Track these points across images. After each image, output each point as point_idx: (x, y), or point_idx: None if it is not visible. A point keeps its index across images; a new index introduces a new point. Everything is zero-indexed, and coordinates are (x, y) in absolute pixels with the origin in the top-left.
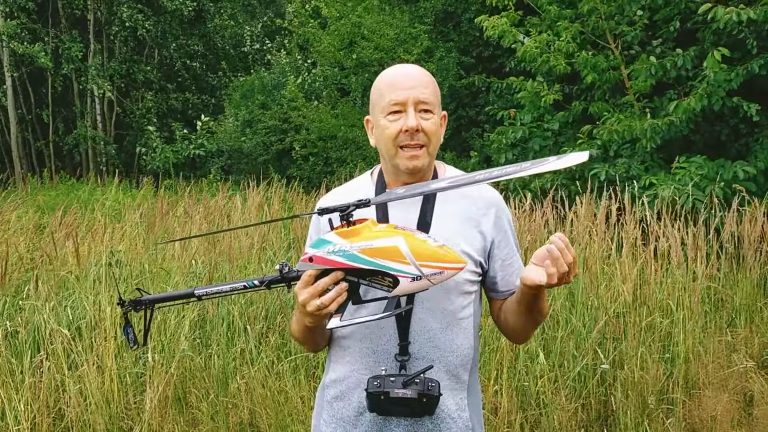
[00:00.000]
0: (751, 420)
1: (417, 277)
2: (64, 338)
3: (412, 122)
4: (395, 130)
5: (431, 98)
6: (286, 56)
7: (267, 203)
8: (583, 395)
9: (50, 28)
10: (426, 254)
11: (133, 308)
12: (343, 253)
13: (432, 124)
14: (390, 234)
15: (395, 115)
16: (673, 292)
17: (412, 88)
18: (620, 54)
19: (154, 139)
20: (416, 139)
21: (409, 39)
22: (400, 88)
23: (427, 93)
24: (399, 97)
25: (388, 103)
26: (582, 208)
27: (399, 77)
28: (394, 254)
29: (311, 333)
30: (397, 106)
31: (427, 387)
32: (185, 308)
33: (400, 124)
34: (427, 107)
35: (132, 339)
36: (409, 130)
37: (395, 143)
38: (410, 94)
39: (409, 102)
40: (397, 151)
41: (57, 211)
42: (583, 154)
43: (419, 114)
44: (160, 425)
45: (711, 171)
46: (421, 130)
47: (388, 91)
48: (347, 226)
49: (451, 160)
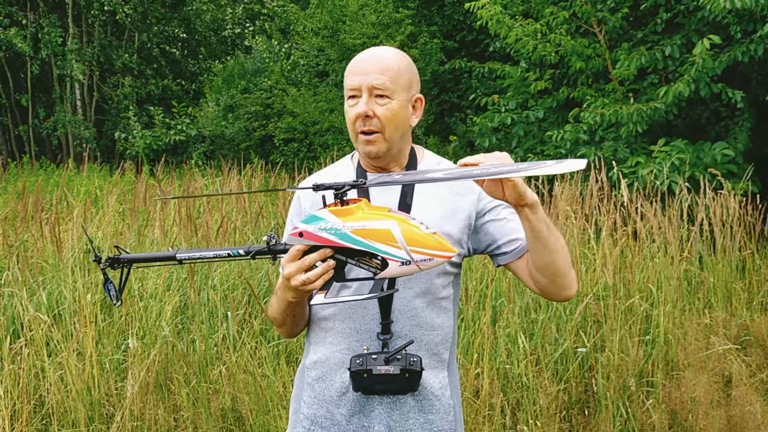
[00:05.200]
0: (729, 401)
1: (406, 262)
2: (43, 324)
3: (361, 108)
4: (352, 115)
5: (388, 84)
6: (267, 41)
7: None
8: (565, 378)
9: (29, 12)
10: (417, 240)
11: (110, 265)
12: (335, 231)
13: (387, 110)
14: (383, 217)
15: (353, 99)
16: (652, 275)
17: (366, 74)
18: (604, 40)
19: (133, 125)
20: (369, 125)
21: (393, 24)
22: (357, 73)
23: (383, 78)
24: (354, 82)
25: (347, 87)
26: (563, 191)
27: (360, 62)
28: (386, 237)
29: (291, 313)
30: (352, 91)
31: (409, 362)
32: (167, 294)
33: (356, 109)
34: (381, 92)
35: (114, 296)
36: (359, 116)
37: (354, 128)
38: (364, 80)
39: (363, 88)
40: (357, 136)
41: (31, 196)
42: (581, 162)
43: (374, 99)
44: (142, 411)
45: (692, 156)
46: (374, 116)
47: (348, 76)
48: (341, 205)
49: (434, 145)
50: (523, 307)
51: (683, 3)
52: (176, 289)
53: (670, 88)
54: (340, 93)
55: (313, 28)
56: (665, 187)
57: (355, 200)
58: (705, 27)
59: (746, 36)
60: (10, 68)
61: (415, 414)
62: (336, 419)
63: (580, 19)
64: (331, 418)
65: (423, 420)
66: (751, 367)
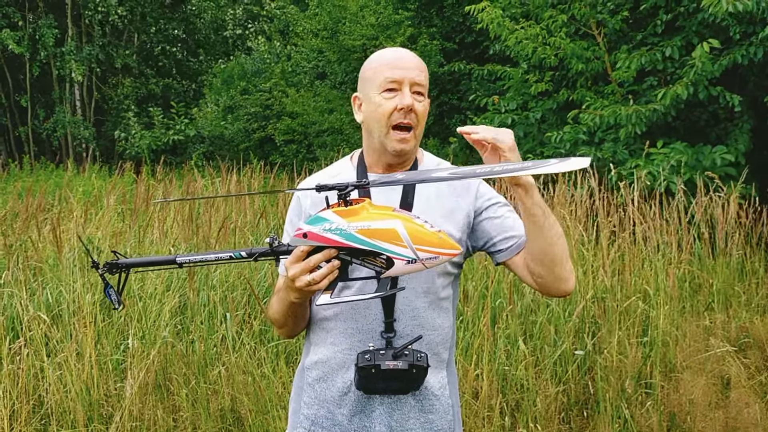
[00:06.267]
0: (727, 403)
1: (412, 261)
2: (42, 324)
3: (408, 100)
4: (390, 108)
5: (425, 81)
6: (267, 43)
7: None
8: (564, 380)
9: (27, 12)
10: (423, 239)
11: (108, 270)
12: (340, 231)
13: (423, 107)
14: (388, 216)
15: (391, 92)
16: (651, 276)
17: (409, 69)
18: (603, 43)
19: (133, 125)
20: (409, 118)
21: (392, 25)
22: (399, 67)
23: (422, 77)
24: (396, 75)
25: (384, 79)
26: (561, 192)
27: (397, 57)
28: (392, 237)
29: (292, 313)
30: (394, 84)
31: (416, 358)
32: (166, 295)
33: (395, 101)
34: (420, 89)
35: (115, 300)
36: (404, 108)
37: (388, 122)
38: (407, 74)
39: (406, 81)
40: (389, 131)
41: (30, 197)
42: (585, 160)
43: (413, 95)
44: (141, 412)
45: (691, 158)
46: (414, 111)
47: (386, 68)
48: (344, 206)
49: (434, 146)
50: (523, 309)
51: (683, 5)
52: (176, 290)
53: (669, 91)
54: (340, 94)
55: (312, 30)
56: (663, 188)
57: (359, 200)
58: (705, 29)
59: (745, 38)
60: (10, 69)
61: (415, 414)
62: (337, 419)
63: (579, 22)
64: (332, 418)
65: (423, 420)
66: (750, 369)
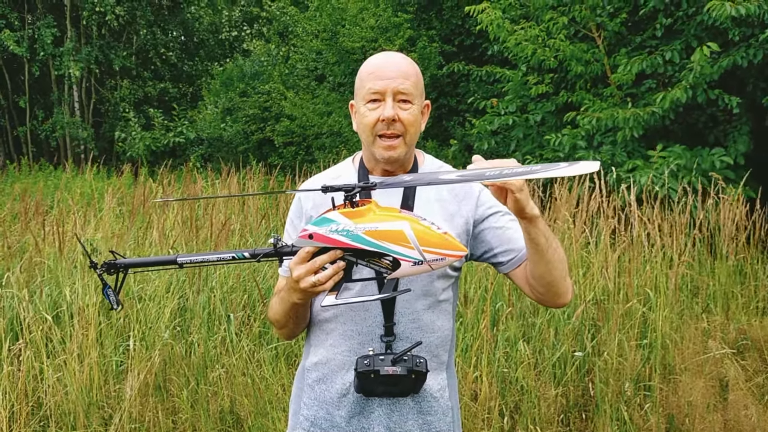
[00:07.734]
0: (726, 405)
1: (419, 262)
2: (43, 326)
3: (389, 112)
4: (373, 119)
5: (411, 89)
6: (265, 45)
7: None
8: (563, 382)
9: (26, 13)
10: (430, 240)
11: (106, 271)
12: (347, 233)
13: (410, 114)
14: (395, 218)
15: (374, 103)
16: (650, 279)
17: (391, 79)
18: (603, 45)
19: (133, 127)
20: (393, 128)
21: (392, 28)
22: (381, 77)
23: (407, 84)
24: (378, 86)
25: (367, 91)
26: (562, 195)
27: (381, 66)
28: (399, 238)
29: (294, 314)
30: (376, 95)
31: (416, 363)
32: (166, 296)
33: (378, 113)
34: (405, 98)
35: (113, 300)
36: (386, 119)
37: (373, 132)
38: (389, 84)
39: (388, 92)
40: (375, 140)
41: (29, 198)
42: (594, 164)
43: (397, 104)
44: (141, 413)
45: (689, 161)
46: (399, 120)
47: (369, 79)
48: (351, 207)
49: (433, 148)
50: (522, 311)
51: (682, 9)
52: (175, 291)
53: (667, 94)
54: (339, 96)
55: (312, 31)
56: (662, 193)
57: (365, 201)
58: (704, 32)
59: (744, 40)
60: (8, 70)
61: (414, 416)
62: (336, 421)
63: (578, 24)
64: (330, 419)
65: (422, 421)
66: (748, 371)
